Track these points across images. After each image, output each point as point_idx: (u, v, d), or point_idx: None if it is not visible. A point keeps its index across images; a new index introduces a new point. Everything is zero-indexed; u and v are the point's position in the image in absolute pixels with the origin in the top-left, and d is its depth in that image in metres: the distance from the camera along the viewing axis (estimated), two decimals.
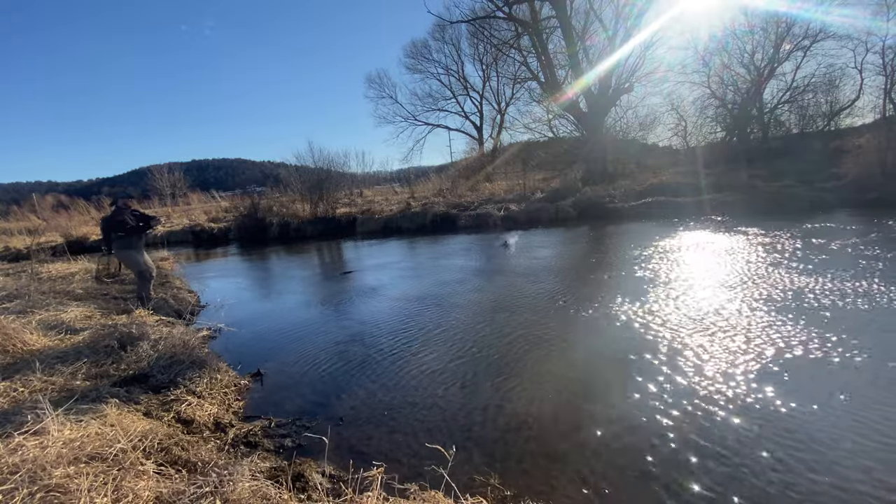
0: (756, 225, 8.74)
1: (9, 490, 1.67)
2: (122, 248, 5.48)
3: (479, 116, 29.29)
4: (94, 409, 2.50)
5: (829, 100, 17.17)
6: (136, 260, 5.52)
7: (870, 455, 2.16)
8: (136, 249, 5.55)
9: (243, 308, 6.01)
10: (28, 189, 50.73)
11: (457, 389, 3.16)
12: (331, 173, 16.18)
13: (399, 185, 22.41)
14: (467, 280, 6.47)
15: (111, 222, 5.44)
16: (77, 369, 3.27)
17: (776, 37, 16.95)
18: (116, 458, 2.00)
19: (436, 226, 13.66)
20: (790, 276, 5.05)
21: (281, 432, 2.78)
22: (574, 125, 19.34)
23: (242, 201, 17.37)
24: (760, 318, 3.92)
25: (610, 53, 15.82)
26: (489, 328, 4.35)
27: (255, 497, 1.80)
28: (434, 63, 28.51)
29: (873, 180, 11.05)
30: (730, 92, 18.18)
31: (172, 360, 3.47)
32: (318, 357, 4.00)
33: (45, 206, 22.18)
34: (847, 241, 6.58)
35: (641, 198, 12.58)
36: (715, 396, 2.77)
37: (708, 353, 3.35)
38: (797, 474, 2.07)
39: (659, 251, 7.14)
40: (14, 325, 3.91)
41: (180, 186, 31.72)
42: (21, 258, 12.09)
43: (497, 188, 17.58)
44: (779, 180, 12.27)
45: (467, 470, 2.27)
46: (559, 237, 9.97)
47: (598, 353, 3.56)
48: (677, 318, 4.10)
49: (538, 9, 16.46)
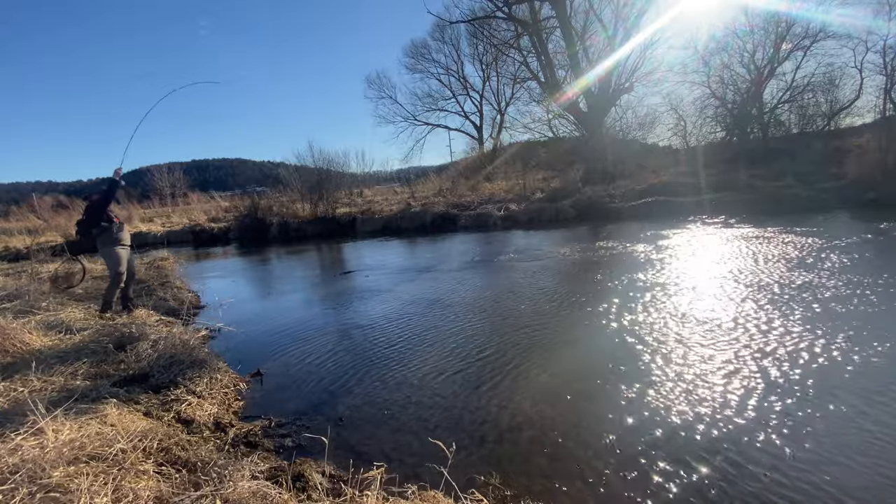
0: (756, 225, 8.74)
1: (9, 490, 1.67)
2: (105, 243, 5.05)
3: (479, 116, 29.34)
4: (93, 409, 2.50)
5: (829, 99, 17.14)
6: (116, 258, 5.04)
7: (873, 456, 2.15)
8: (118, 244, 5.08)
9: (243, 308, 6.01)
10: (28, 189, 50.75)
11: (457, 389, 3.15)
12: (331, 173, 16.18)
13: (399, 185, 22.40)
14: (467, 280, 6.47)
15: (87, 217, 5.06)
16: (77, 369, 3.27)
17: (776, 36, 16.94)
18: (116, 458, 2.00)
19: (436, 226, 13.66)
20: (790, 276, 5.05)
21: (281, 432, 2.78)
22: (574, 125, 19.33)
23: (242, 201, 17.39)
24: (760, 318, 3.92)
25: (610, 53, 15.82)
26: (489, 328, 4.35)
27: (254, 497, 1.80)
28: (434, 63, 28.55)
29: (873, 180, 11.04)
30: (730, 92, 18.18)
31: (172, 359, 3.46)
32: (318, 357, 4.00)
33: (44, 206, 22.20)
34: (847, 241, 6.58)
35: (641, 198, 12.57)
36: (716, 397, 2.76)
37: (708, 353, 3.35)
38: (797, 475, 2.07)
39: (659, 251, 7.13)
40: (14, 325, 3.91)
41: (180, 186, 31.77)
42: (21, 258, 12.08)
43: (497, 188, 17.58)
44: (779, 180, 12.26)
45: (467, 469, 2.27)
46: (559, 237, 9.96)
47: (599, 354, 3.56)
48: (677, 319, 4.10)
49: (538, 9, 16.46)
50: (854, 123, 17.55)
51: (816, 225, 8.21)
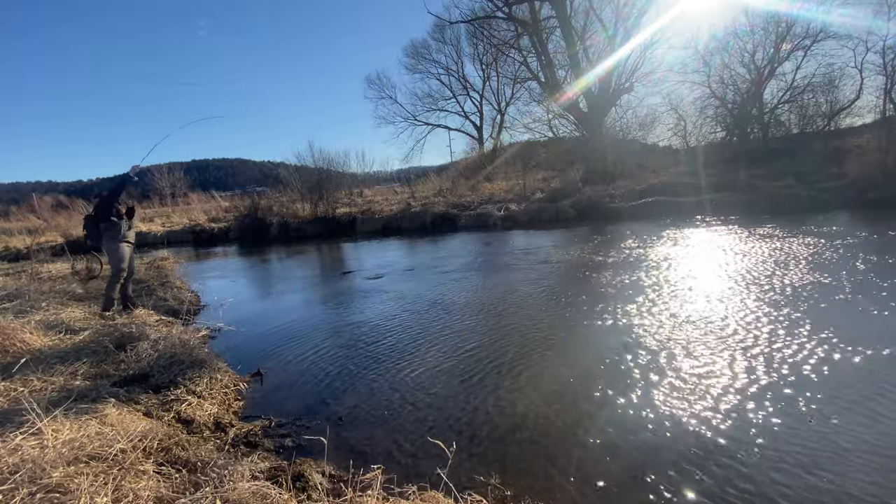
0: (756, 225, 8.74)
1: (9, 490, 1.67)
2: (112, 238, 5.11)
3: (479, 116, 29.35)
4: (93, 409, 2.50)
5: (829, 100, 17.11)
6: (120, 255, 5.12)
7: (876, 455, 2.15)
8: (124, 241, 5.16)
9: (243, 308, 6.01)
10: (28, 189, 50.74)
11: (457, 389, 3.15)
12: (331, 173, 16.18)
13: (399, 185, 22.38)
14: (467, 280, 6.47)
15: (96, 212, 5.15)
16: (77, 369, 3.27)
17: (777, 37, 16.92)
18: (116, 458, 1.99)
19: (436, 226, 13.66)
20: (790, 276, 5.05)
21: (281, 432, 2.78)
22: (574, 125, 19.32)
23: (242, 201, 17.38)
24: (760, 318, 3.92)
25: (610, 53, 15.82)
26: (489, 328, 4.35)
27: (254, 497, 1.80)
28: (434, 63, 28.56)
29: (873, 180, 11.03)
30: (730, 92, 18.16)
31: (172, 359, 3.46)
32: (318, 357, 4.00)
33: (44, 206, 22.20)
34: (847, 241, 6.58)
35: (641, 198, 12.57)
36: (716, 397, 2.76)
37: (708, 353, 3.35)
38: (797, 476, 2.07)
39: (659, 251, 7.14)
40: (14, 324, 3.91)
41: (180, 186, 31.78)
42: (21, 258, 12.08)
43: (497, 188, 17.57)
44: (779, 180, 12.25)
45: (467, 470, 2.27)
46: (559, 237, 9.96)
47: (599, 354, 3.56)
48: (678, 319, 4.10)
49: (538, 9, 16.47)
50: (854, 123, 17.54)
51: (816, 225, 8.21)
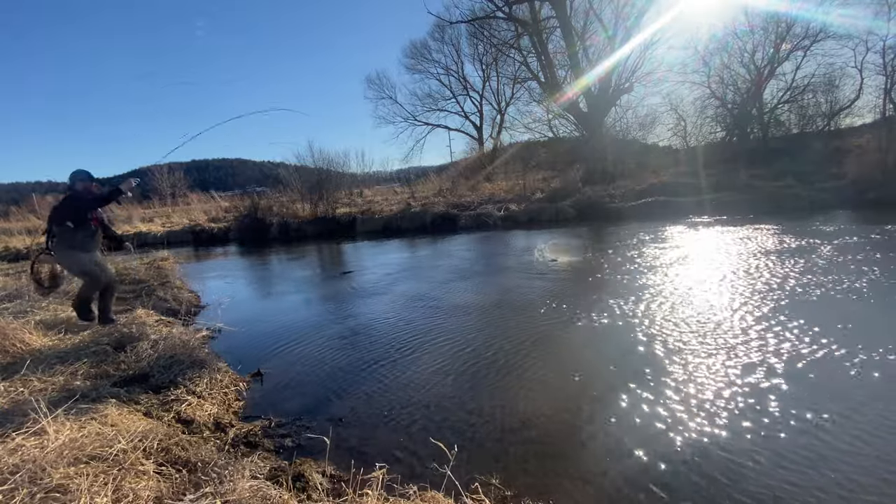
0: (756, 225, 8.74)
1: (9, 490, 1.67)
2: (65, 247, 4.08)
3: (479, 116, 29.30)
4: (94, 409, 2.50)
5: (829, 100, 17.14)
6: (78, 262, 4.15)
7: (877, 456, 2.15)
8: (84, 249, 4.15)
9: (243, 308, 6.00)
10: (28, 189, 50.67)
11: (457, 389, 3.15)
12: (331, 173, 16.16)
13: (399, 185, 22.37)
14: (467, 280, 6.47)
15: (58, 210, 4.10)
16: (77, 369, 3.27)
17: (776, 37, 16.95)
18: (116, 458, 1.99)
19: (436, 226, 13.65)
20: (790, 277, 5.05)
21: (281, 432, 2.78)
22: (574, 125, 19.33)
23: (242, 201, 17.36)
24: (760, 318, 3.92)
25: (610, 53, 15.85)
26: (489, 328, 4.35)
27: (255, 497, 1.80)
28: (434, 63, 28.50)
29: (873, 180, 11.05)
30: (730, 92, 18.19)
31: (172, 360, 3.46)
32: (318, 357, 4.00)
33: (44, 206, 22.17)
34: (847, 241, 6.58)
35: (641, 198, 12.57)
36: (717, 397, 2.76)
37: (709, 354, 3.35)
38: (798, 475, 2.07)
39: (658, 251, 7.13)
40: (14, 325, 3.90)
41: (180, 186, 31.77)
42: (21, 258, 12.07)
43: (497, 188, 17.57)
44: (779, 180, 12.26)
45: (468, 470, 2.27)
46: (559, 237, 9.96)
47: (599, 355, 3.56)
48: (677, 320, 4.09)
49: (538, 9, 16.47)
50: (854, 123, 17.58)
51: (816, 225, 8.21)
